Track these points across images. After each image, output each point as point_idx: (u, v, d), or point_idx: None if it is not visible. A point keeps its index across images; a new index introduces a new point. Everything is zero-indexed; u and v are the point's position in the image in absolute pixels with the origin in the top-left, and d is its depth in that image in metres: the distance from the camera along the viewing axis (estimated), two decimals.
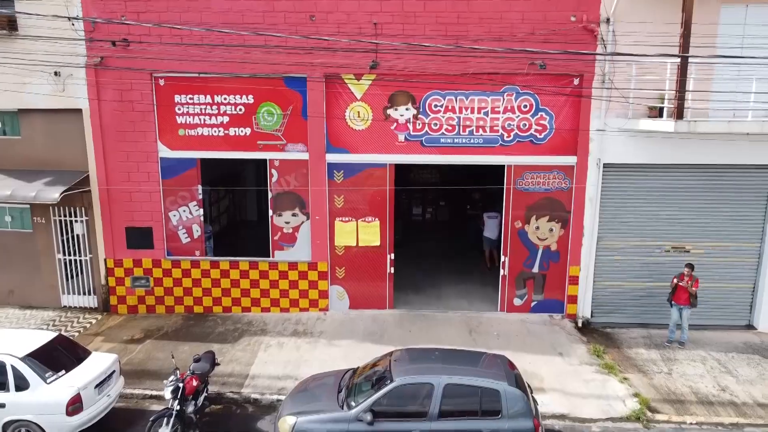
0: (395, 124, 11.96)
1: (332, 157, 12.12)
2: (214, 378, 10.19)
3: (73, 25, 11.42)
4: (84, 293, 13.09)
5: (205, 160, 12.34)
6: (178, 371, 8.91)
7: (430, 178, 19.35)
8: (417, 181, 19.15)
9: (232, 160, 12.31)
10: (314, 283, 12.64)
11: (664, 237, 12.20)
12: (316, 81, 11.61)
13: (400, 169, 12.74)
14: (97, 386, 8.77)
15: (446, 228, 18.97)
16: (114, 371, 9.27)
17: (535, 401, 8.43)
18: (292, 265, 12.56)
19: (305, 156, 12.13)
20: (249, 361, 10.98)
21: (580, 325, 12.42)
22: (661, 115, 11.22)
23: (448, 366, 8.41)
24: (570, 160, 11.95)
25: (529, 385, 8.69)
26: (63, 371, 8.71)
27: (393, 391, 7.94)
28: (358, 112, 11.93)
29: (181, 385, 8.64)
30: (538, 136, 11.90)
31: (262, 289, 12.72)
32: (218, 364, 9.96)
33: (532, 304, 12.71)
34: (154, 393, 9.91)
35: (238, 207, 17.82)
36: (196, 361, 9.22)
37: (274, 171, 12.32)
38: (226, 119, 12.09)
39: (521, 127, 11.87)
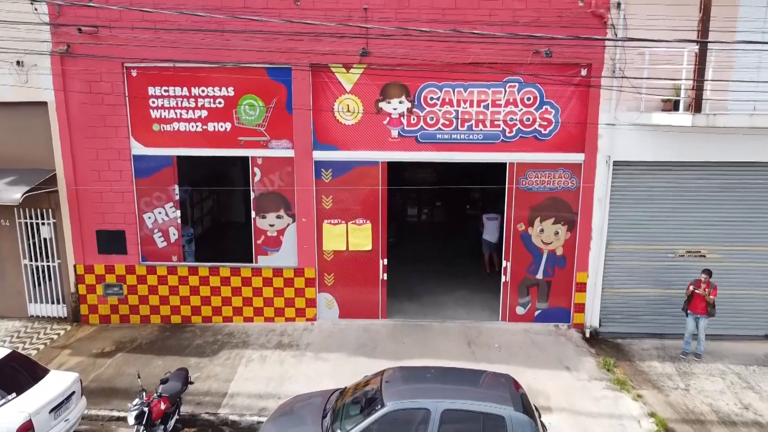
0: (388, 118, 11.04)
1: (320, 155, 11.19)
2: (188, 397, 9.27)
3: (35, 9, 10.45)
4: (52, 302, 12.12)
5: (182, 158, 11.39)
6: (144, 393, 7.96)
7: (426, 177, 18.40)
8: (412, 181, 18.21)
9: (214, 158, 11.37)
10: (301, 291, 11.70)
11: (678, 240, 11.31)
12: (301, 71, 10.68)
13: (394, 168, 11.83)
14: (53, 410, 7.81)
15: (443, 230, 18.06)
16: (74, 392, 8.31)
17: (544, 427, 7.52)
18: (277, 272, 11.62)
19: (290, 153, 11.19)
20: (228, 377, 10.04)
21: (587, 335, 11.53)
22: (676, 109, 10.34)
23: (446, 387, 7.54)
24: (577, 157, 11.05)
25: (536, 408, 7.79)
26: (14, 394, 7.74)
27: (384, 417, 7.01)
28: (348, 105, 11.00)
29: (146, 409, 7.71)
30: (543, 132, 10.99)
31: (245, 298, 11.78)
32: (191, 383, 9.02)
33: (536, 312, 11.80)
34: (123, 414, 8.93)
35: (223, 208, 16.79)
36: (163, 382, 8.25)
37: (256, 169, 11.38)
38: (204, 113, 11.15)
39: (524, 121, 10.96)
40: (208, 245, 14.40)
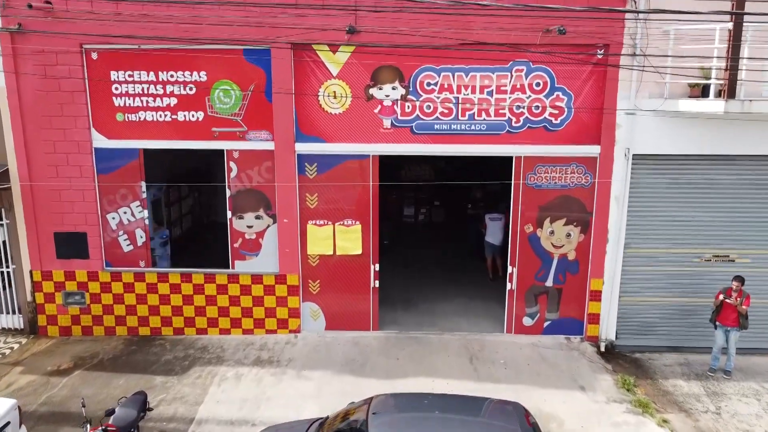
0: (379, 106, 9.83)
1: (303, 147, 9.98)
2: (150, 423, 8.09)
3: None
4: (7, 312, 10.89)
5: (149, 151, 10.17)
6: (88, 425, 6.76)
7: (424, 174, 17.20)
8: (409, 179, 17.01)
9: (185, 152, 10.16)
10: (283, 300, 10.49)
11: (704, 243, 10.12)
12: (282, 52, 9.47)
13: (388, 164, 10.64)
14: None
15: (442, 231, 16.84)
16: (9, 422, 7.09)
17: None
18: (256, 278, 10.41)
19: (270, 146, 9.98)
20: (197, 399, 8.83)
21: (603, 349, 10.33)
22: (704, 95, 9.15)
23: (444, 418, 6.34)
24: (592, 150, 9.84)
25: None
26: None
27: None
28: (335, 92, 9.79)
29: None
30: (554, 121, 9.79)
31: (221, 307, 10.57)
32: (151, 409, 7.81)
33: (546, 324, 10.59)
34: None
35: (205, 207, 15.56)
36: (109, 414, 7.02)
37: (232, 164, 10.17)
38: (173, 101, 9.94)
39: (533, 109, 9.76)
40: (186, 249, 13.19)
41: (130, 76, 9.86)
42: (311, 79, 9.76)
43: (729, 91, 8.65)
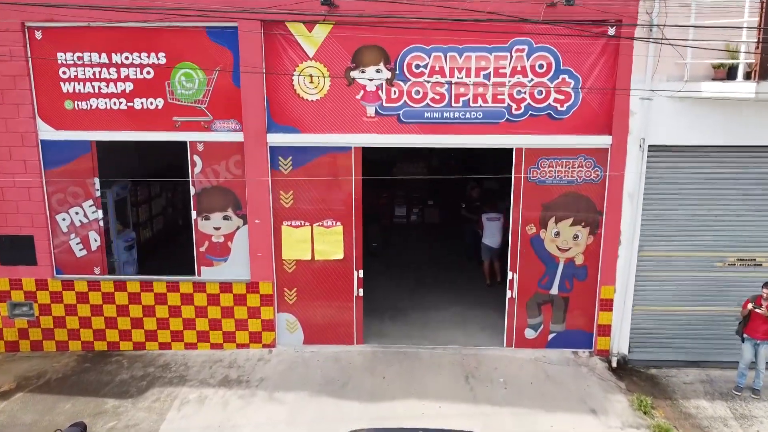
0: (362, 91, 8.69)
1: (276, 138, 8.83)
2: None
3: None
4: None
5: (102, 144, 9.02)
6: None
7: (417, 171, 16.06)
8: (395, 172, 15.88)
9: (144, 144, 9.02)
10: (255, 311, 9.34)
11: (727, 246, 9.01)
12: (250, 25, 8.30)
13: (376, 159, 9.51)
14: None
15: (436, 233, 15.69)
16: None
17: None
18: (225, 287, 9.25)
19: (239, 137, 8.84)
20: (152, 426, 7.68)
21: (614, 364, 9.21)
22: (731, 77, 8.04)
23: None
24: (602, 140, 8.72)
25: None
26: None
27: None
28: (311, 75, 8.65)
29: None
30: (559, 108, 8.66)
31: (186, 319, 9.41)
32: None
33: (550, 336, 9.46)
34: None
35: (179, 208, 14.38)
36: None
37: (197, 158, 9.02)
38: (129, 86, 8.79)
39: (536, 95, 8.63)
40: (156, 253, 12.12)
41: (79, 58, 8.70)
42: (284, 60, 8.61)
43: (760, 71, 7.54)
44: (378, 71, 8.58)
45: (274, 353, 9.43)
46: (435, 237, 15.33)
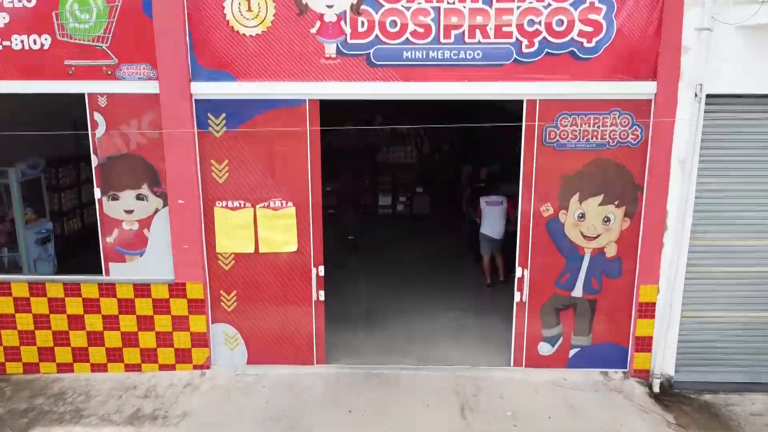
0: (319, 23, 6.41)
1: (204, 89, 6.54)
2: None
3: None
4: None
5: None
6: None
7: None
8: (391, 161, 13.79)
9: (26, 97, 6.73)
10: (182, 321, 7.05)
11: None
12: None
13: (334, 113, 7.23)
14: None
15: (426, 224, 13.47)
16: None
17: None
18: (141, 289, 6.97)
19: (153, 87, 6.54)
20: None
21: (657, 389, 6.96)
22: None
23: None
24: (644, 88, 6.46)
25: None
26: None
27: None
28: (249, 1, 6.37)
29: None
30: (586, 44, 6.40)
31: (91, 332, 7.12)
32: None
33: (572, 352, 7.19)
34: None
35: None
36: None
37: (98, 116, 6.73)
38: (3, 19, 6.50)
39: (554, 27, 6.36)
40: (86, 248, 9.94)
41: None
42: None
43: None
44: None
45: (207, 377, 7.12)
46: (425, 230, 13.10)
